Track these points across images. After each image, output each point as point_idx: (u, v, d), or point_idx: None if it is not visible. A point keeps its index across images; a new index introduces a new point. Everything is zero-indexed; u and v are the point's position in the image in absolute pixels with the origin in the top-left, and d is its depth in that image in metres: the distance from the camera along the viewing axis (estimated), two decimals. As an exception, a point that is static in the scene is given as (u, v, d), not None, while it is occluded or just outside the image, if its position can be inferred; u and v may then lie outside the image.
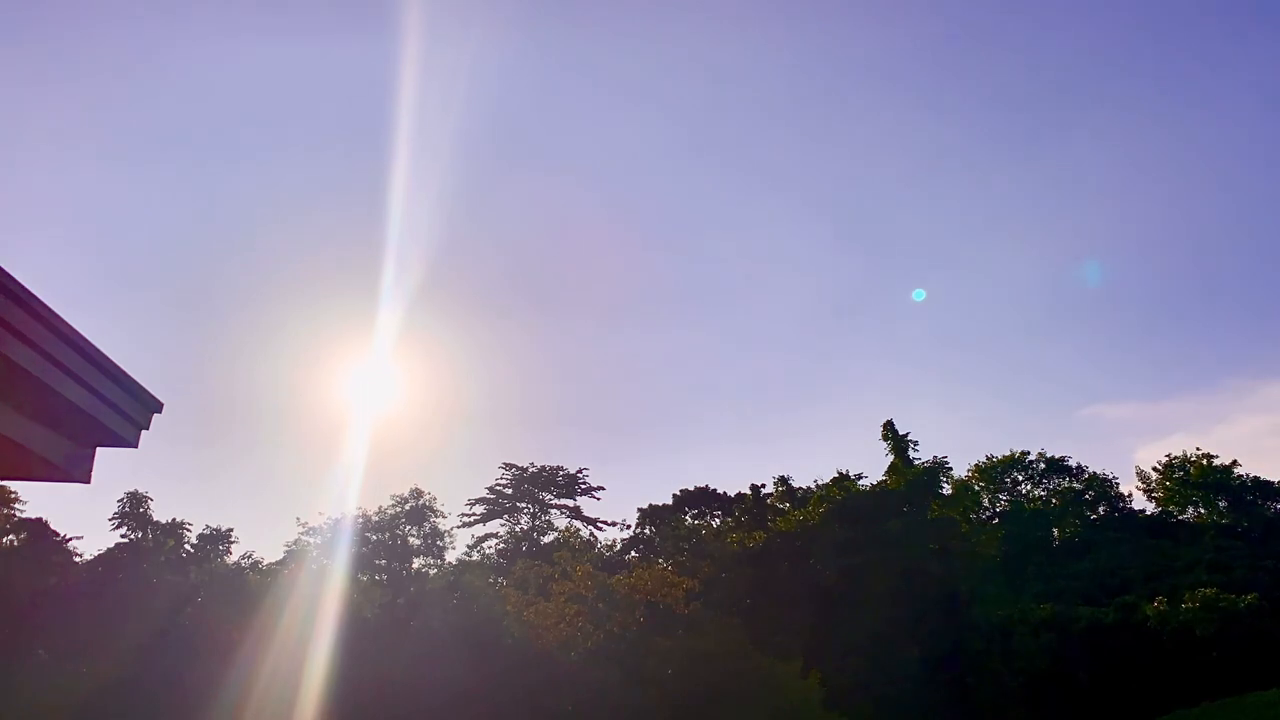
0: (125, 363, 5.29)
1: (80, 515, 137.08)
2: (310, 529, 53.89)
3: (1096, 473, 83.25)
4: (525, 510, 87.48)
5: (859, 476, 65.67)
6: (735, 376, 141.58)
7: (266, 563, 59.08)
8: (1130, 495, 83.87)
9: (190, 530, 59.29)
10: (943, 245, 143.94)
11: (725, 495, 78.68)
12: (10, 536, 54.96)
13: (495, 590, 55.97)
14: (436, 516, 55.95)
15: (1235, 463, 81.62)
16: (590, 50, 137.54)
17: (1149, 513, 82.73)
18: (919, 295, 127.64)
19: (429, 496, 55.83)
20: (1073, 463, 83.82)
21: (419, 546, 55.42)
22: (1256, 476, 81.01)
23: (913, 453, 66.81)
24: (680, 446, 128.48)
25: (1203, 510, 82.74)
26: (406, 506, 55.24)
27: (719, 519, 76.09)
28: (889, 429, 67.42)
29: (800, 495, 69.93)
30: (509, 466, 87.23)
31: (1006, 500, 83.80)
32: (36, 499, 56.04)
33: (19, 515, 55.37)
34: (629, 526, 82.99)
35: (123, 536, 57.07)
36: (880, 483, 63.70)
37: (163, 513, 59.60)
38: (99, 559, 54.24)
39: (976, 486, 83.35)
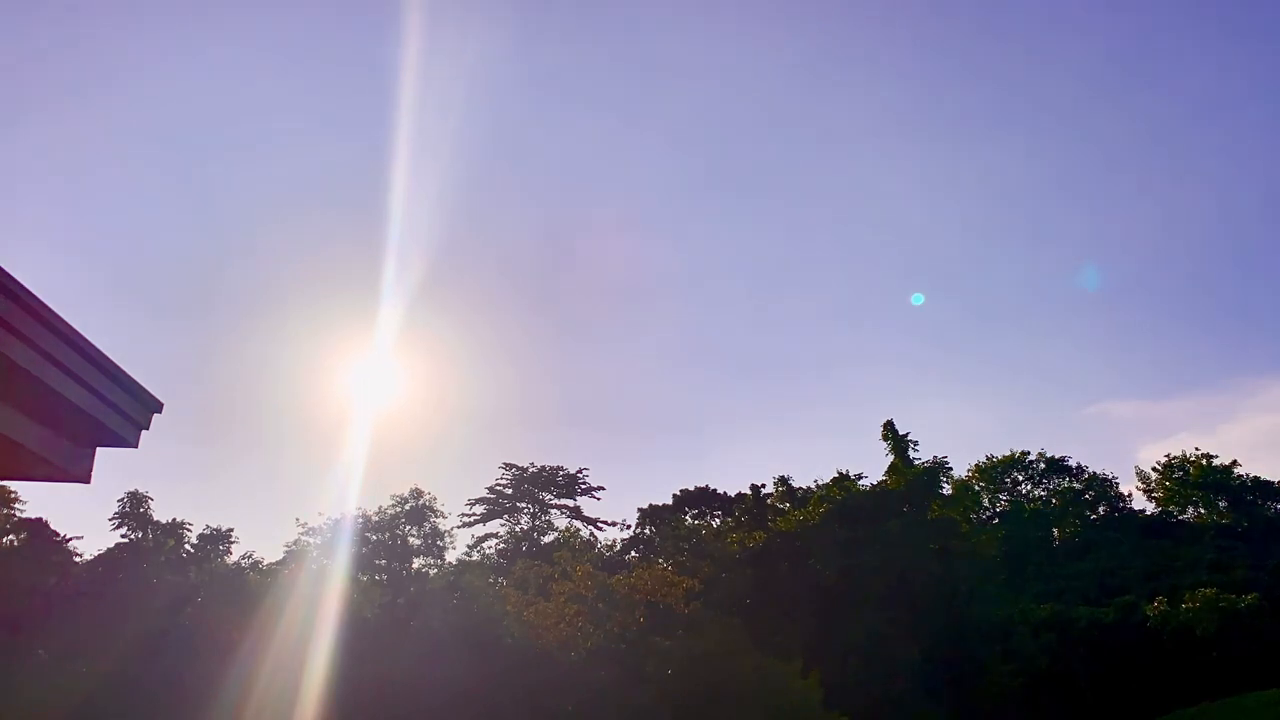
0: (125, 363, 5.29)
1: (80, 515, 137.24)
2: (310, 529, 53.89)
3: (1096, 473, 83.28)
4: (525, 510, 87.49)
5: (859, 476, 65.66)
6: (735, 376, 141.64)
7: (266, 563, 59.13)
8: (1130, 495, 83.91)
9: (190, 530, 59.32)
10: (945, 244, 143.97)
11: (725, 495, 78.66)
12: (10, 536, 54.94)
13: (495, 590, 55.93)
14: (436, 516, 55.95)
15: (1235, 463, 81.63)
16: (591, 49, 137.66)
17: (1149, 513, 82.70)
18: (918, 299, 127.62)
19: (429, 496, 55.84)
20: (1073, 463, 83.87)
21: (419, 546, 55.40)
22: (1256, 476, 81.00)
23: (913, 453, 66.78)
24: (680, 446, 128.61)
25: (1203, 510, 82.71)
26: (406, 506, 55.21)
27: (719, 519, 76.06)
28: (889, 429, 67.40)
29: (800, 495, 69.90)
30: (509, 466, 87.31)
31: (1006, 500, 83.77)
32: (36, 499, 56.08)
33: (19, 515, 55.40)
34: (629, 526, 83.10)
35: (123, 536, 57.07)
36: (880, 483, 63.68)
37: (163, 513, 59.64)
38: (99, 559, 54.20)
39: (976, 486, 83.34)
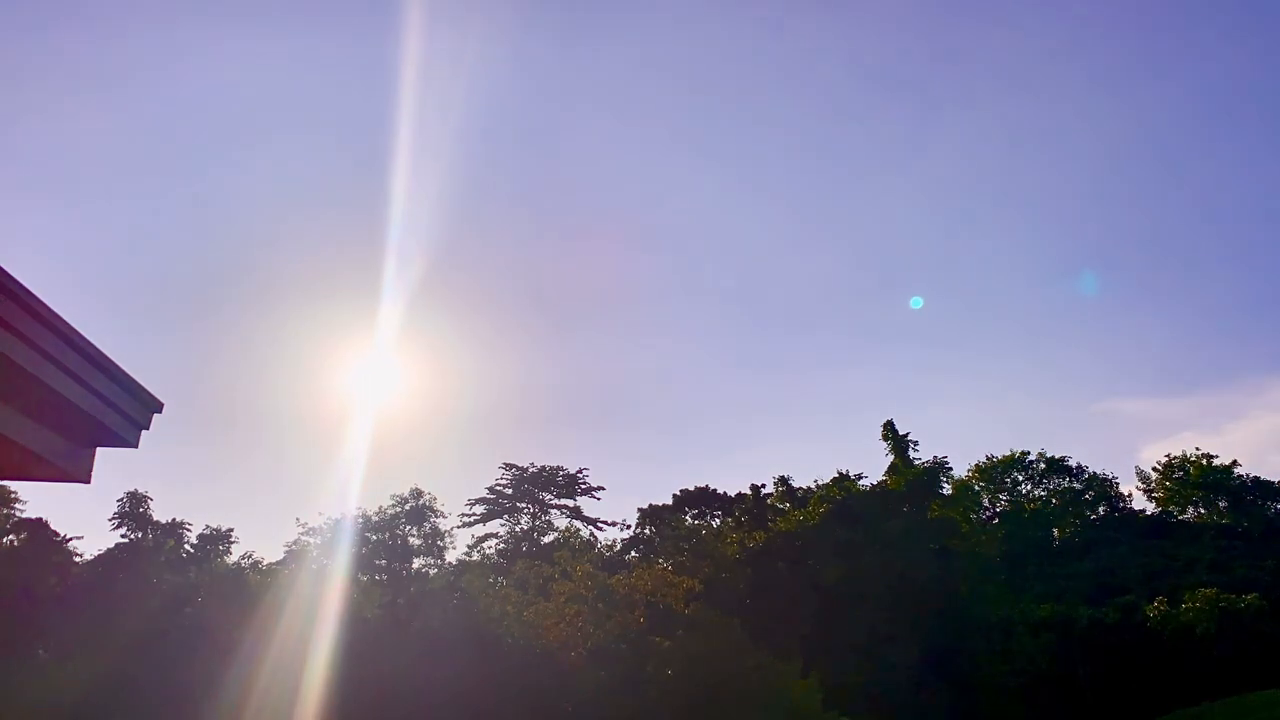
0: (125, 362, 5.29)
1: (80, 515, 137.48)
2: (310, 529, 53.91)
3: (1096, 473, 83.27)
4: (525, 510, 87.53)
5: (859, 476, 65.74)
6: (736, 376, 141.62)
7: (266, 563, 59.08)
8: (1130, 495, 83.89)
9: (190, 530, 59.34)
10: (948, 244, 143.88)
11: (725, 495, 78.68)
12: (10, 536, 54.91)
13: (495, 590, 55.94)
14: (436, 516, 55.93)
15: (1235, 463, 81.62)
16: (591, 48, 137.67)
17: (1149, 513, 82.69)
18: (916, 303, 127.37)
19: (429, 496, 55.81)
20: (1073, 463, 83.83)
21: (419, 546, 55.38)
22: (1256, 476, 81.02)
23: (913, 453, 66.86)
24: (680, 446, 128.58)
25: (1203, 510, 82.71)
26: (406, 506, 55.19)
27: (719, 519, 76.07)
28: (889, 429, 67.47)
29: (800, 495, 69.94)
30: (509, 466, 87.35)
31: (1007, 500, 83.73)
32: (36, 499, 56.10)
33: (19, 515, 55.40)
34: (629, 526, 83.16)
35: (123, 536, 57.06)
36: (880, 483, 63.75)
37: (163, 513, 59.68)
38: (99, 559, 54.19)
39: (976, 486, 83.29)
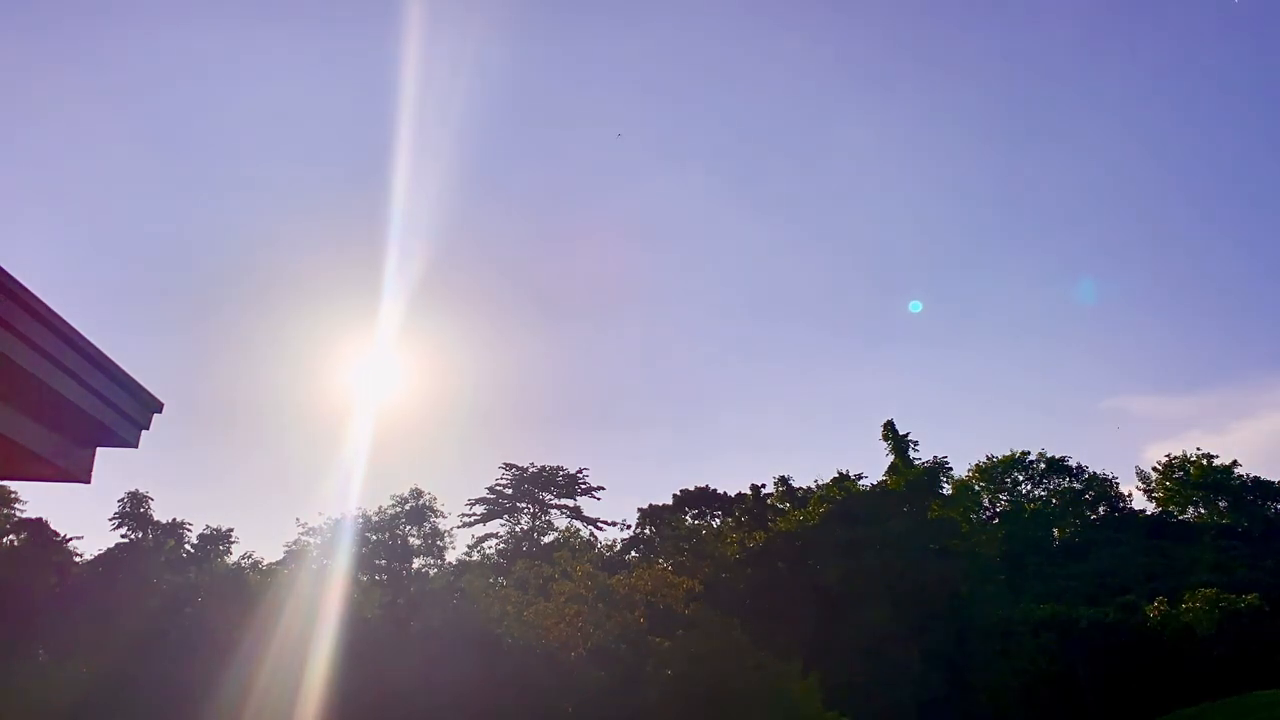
0: (125, 362, 5.28)
1: (80, 515, 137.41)
2: (310, 529, 53.88)
3: (1096, 473, 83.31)
4: (525, 510, 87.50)
5: (859, 476, 65.73)
6: (736, 376, 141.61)
7: (266, 563, 59.10)
8: (1130, 495, 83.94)
9: (190, 530, 59.35)
10: (949, 244, 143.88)
11: (725, 495, 78.65)
12: (10, 536, 54.92)
13: (495, 590, 55.93)
14: (436, 516, 55.90)
15: (1235, 463, 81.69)
16: (593, 45, 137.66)
17: (1149, 513, 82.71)
18: (915, 307, 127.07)
19: (429, 496, 55.78)
20: (1073, 463, 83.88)
21: (419, 546, 55.35)
22: (1257, 476, 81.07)
23: (913, 453, 66.86)
24: (680, 446, 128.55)
25: (1203, 510, 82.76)
26: (406, 506, 55.17)
27: (719, 519, 76.06)
28: (889, 429, 67.47)
29: (800, 495, 69.95)
30: (509, 466, 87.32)
31: (1007, 500, 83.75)
32: (36, 499, 56.08)
33: (19, 515, 55.41)
34: (629, 526, 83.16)
35: (123, 536, 57.08)
36: (880, 483, 63.75)
37: (163, 513, 59.66)
38: (99, 559, 54.20)
39: (976, 486, 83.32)
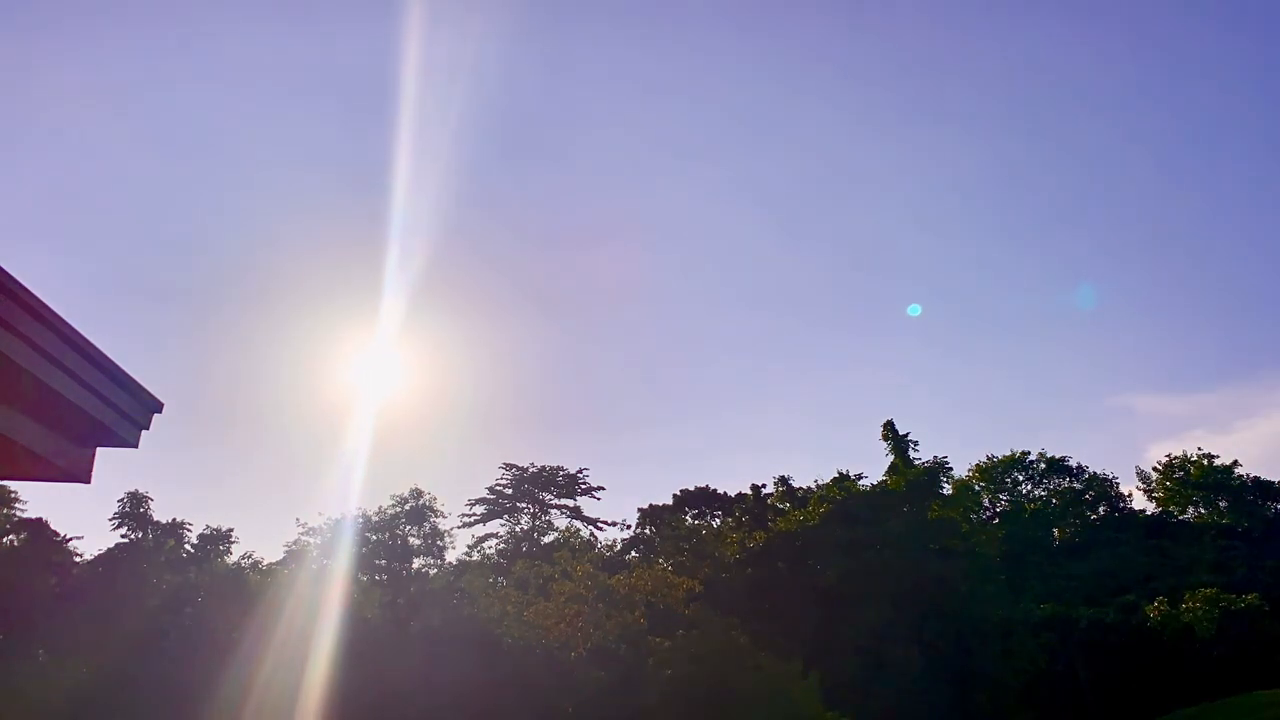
0: (125, 362, 5.28)
1: (80, 515, 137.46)
2: (310, 529, 53.83)
3: (1096, 473, 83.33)
4: (525, 510, 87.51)
5: (859, 476, 65.64)
6: (736, 376, 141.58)
7: (266, 563, 59.10)
8: (1130, 495, 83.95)
9: (190, 530, 59.36)
10: (951, 244, 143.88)
11: (725, 495, 78.67)
12: (10, 536, 54.93)
13: (496, 590, 55.95)
14: (436, 516, 55.85)
15: (1236, 463, 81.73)
16: (594, 43, 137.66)
17: (1149, 513, 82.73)
18: (914, 310, 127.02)
19: (429, 496, 55.71)
20: (1073, 463, 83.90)
21: (419, 546, 55.31)
22: (1257, 477, 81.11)
23: (913, 453, 66.77)
24: (681, 446, 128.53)
25: (1203, 510, 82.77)
26: (406, 506, 55.14)
27: (719, 519, 76.06)
28: (889, 429, 67.38)
29: (801, 495, 69.89)
30: (509, 466, 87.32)
31: (1007, 500, 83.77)
32: (36, 499, 56.10)
33: (19, 515, 55.41)
34: (629, 526, 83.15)
35: (123, 536, 57.07)
36: (880, 483, 63.66)
37: (163, 513, 59.67)
38: (99, 559, 54.21)
39: (977, 486, 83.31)
